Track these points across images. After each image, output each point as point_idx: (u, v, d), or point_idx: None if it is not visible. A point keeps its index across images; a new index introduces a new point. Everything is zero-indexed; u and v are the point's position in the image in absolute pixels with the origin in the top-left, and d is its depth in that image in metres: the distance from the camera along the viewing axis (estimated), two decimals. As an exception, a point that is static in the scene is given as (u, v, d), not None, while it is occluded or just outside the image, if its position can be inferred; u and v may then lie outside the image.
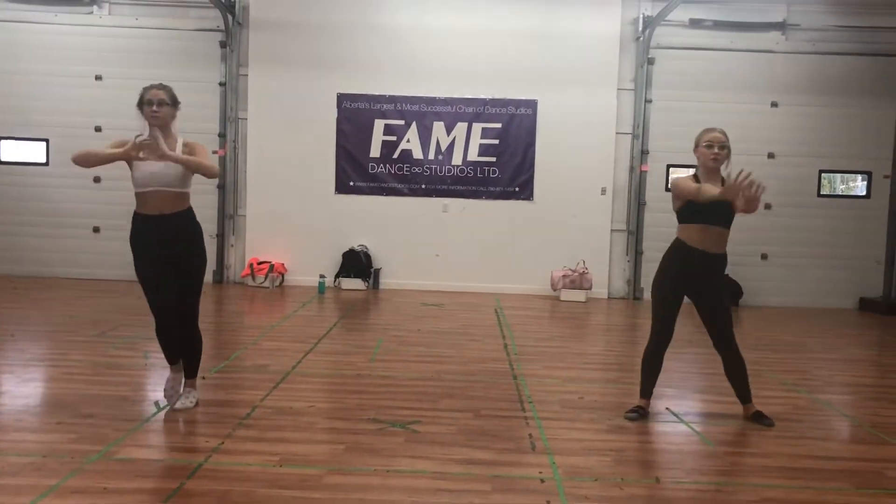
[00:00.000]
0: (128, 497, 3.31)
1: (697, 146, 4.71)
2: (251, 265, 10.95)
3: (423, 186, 11.23)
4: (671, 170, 11.10)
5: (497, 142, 11.16)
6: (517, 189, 11.23)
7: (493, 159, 11.18)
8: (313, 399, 5.01)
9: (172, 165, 4.41)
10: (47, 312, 8.16)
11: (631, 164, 11.27)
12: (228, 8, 10.89)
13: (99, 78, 10.99)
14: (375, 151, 11.17)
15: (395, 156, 11.17)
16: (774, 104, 11.13)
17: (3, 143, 11.17)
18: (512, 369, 6.11)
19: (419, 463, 3.85)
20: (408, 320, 8.47)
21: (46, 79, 11.00)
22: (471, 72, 11.05)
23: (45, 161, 11.16)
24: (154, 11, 11.10)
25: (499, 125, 11.14)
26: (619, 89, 11.12)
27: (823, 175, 11.29)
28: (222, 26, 10.99)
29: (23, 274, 10.95)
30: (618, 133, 11.19)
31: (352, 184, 11.21)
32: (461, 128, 11.14)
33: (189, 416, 4.49)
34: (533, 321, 8.89)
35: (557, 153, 11.07)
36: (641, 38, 11.05)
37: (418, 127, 11.14)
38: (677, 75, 11.10)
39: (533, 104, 11.11)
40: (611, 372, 6.39)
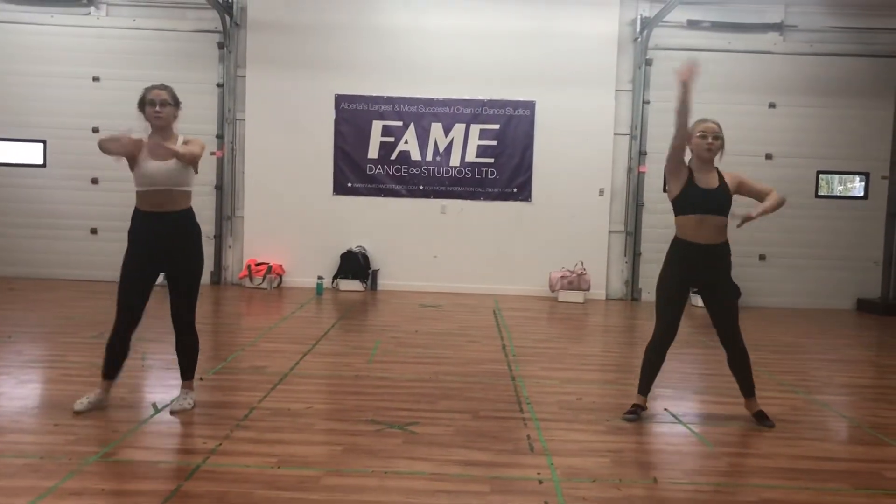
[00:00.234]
0: (126, 498, 3.30)
1: (691, 136, 4.70)
2: (249, 266, 10.94)
3: (421, 188, 11.23)
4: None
5: (495, 143, 11.16)
6: (515, 190, 11.23)
7: (491, 160, 11.18)
8: (311, 400, 5.00)
9: (175, 164, 4.39)
10: (45, 314, 8.15)
11: (629, 166, 11.27)
12: (226, 9, 10.89)
13: (96, 79, 10.98)
14: (373, 153, 11.17)
15: (393, 157, 11.17)
16: (772, 105, 11.15)
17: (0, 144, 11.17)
18: (510, 370, 6.10)
19: (417, 464, 3.84)
20: (406, 321, 8.46)
21: (43, 80, 10.97)
22: (469, 73, 11.05)
23: (42, 163, 11.14)
24: (152, 13, 11.08)
25: (497, 126, 11.14)
26: (616, 90, 11.13)
27: (821, 176, 11.30)
28: (220, 27, 10.99)
29: (20, 275, 10.93)
30: (616, 134, 11.20)
31: (350, 185, 11.21)
32: (459, 129, 11.14)
33: (187, 418, 4.49)
34: (531, 322, 8.89)
35: (555, 154, 11.07)
36: (639, 40, 11.06)
37: (416, 128, 11.14)
38: (675, 76, 11.08)
39: (531, 105, 11.12)
40: (609, 373, 6.39)
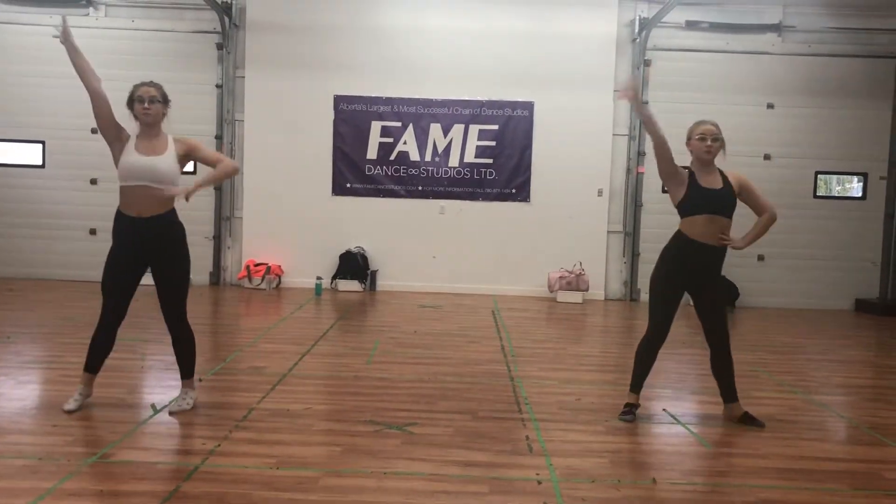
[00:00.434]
0: (124, 500, 3.30)
1: (690, 139, 4.69)
2: (248, 267, 10.94)
3: (420, 188, 11.23)
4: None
5: (494, 143, 11.16)
6: (514, 191, 11.23)
7: (490, 161, 11.19)
8: (310, 401, 5.00)
9: (164, 159, 4.35)
10: (43, 314, 8.14)
11: (627, 166, 11.28)
12: (225, 10, 10.88)
13: (95, 80, 10.97)
14: (372, 153, 11.17)
15: (392, 157, 11.17)
16: (770, 106, 11.15)
17: (-2, 145, 11.18)
18: (509, 371, 6.11)
19: (416, 465, 3.85)
20: (405, 322, 8.46)
21: (42, 81, 10.94)
22: (467, 74, 11.05)
23: (40, 163, 11.13)
24: (150, 13, 11.08)
25: (495, 127, 11.15)
26: (615, 91, 11.12)
27: (819, 176, 11.31)
28: (219, 28, 10.99)
29: (19, 276, 10.92)
30: (614, 135, 11.20)
31: (348, 185, 11.21)
32: (458, 129, 11.14)
33: (185, 419, 4.48)
34: (530, 323, 8.89)
35: (554, 155, 11.08)
36: (638, 40, 11.07)
37: (415, 129, 11.14)
38: (674, 77, 11.12)
39: (529, 106, 11.12)
40: (608, 373, 6.39)
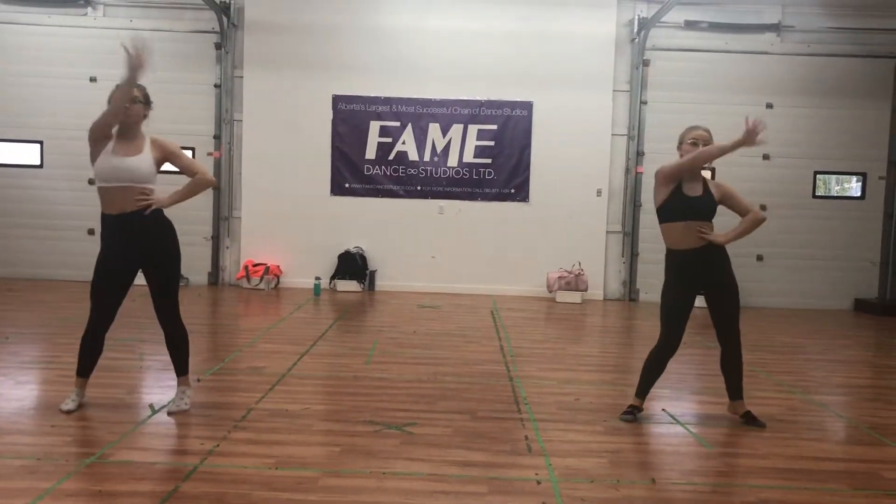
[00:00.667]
0: (123, 500, 3.29)
1: (682, 143, 4.73)
2: (246, 267, 10.93)
3: (419, 188, 11.23)
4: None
5: (493, 143, 11.16)
6: (513, 191, 11.23)
7: (489, 161, 11.18)
8: (309, 401, 5.00)
9: (143, 159, 4.35)
10: (42, 315, 8.13)
11: (626, 166, 11.28)
12: (223, 10, 10.88)
13: (93, 80, 10.93)
14: (371, 153, 11.16)
15: (391, 157, 11.17)
16: (769, 105, 11.15)
17: (-3, 145, 11.16)
18: (508, 371, 6.10)
19: (415, 465, 3.84)
20: (404, 322, 8.46)
21: (40, 81, 10.95)
22: (466, 73, 11.05)
23: (39, 163, 11.12)
24: (148, 13, 11.07)
25: (494, 127, 11.14)
26: (614, 91, 11.14)
27: (818, 176, 11.32)
28: (217, 28, 10.98)
29: (17, 276, 10.91)
30: (613, 135, 11.21)
31: (347, 185, 11.20)
32: (457, 129, 11.14)
33: (184, 419, 4.48)
34: (529, 323, 8.89)
35: (553, 155, 11.08)
36: (637, 40, 11.07)
37: (414, 129, 11.13)
38: (673, 77, 11.12)
39: (528, 106, 11.12)
40: (607, 373, 6.39)
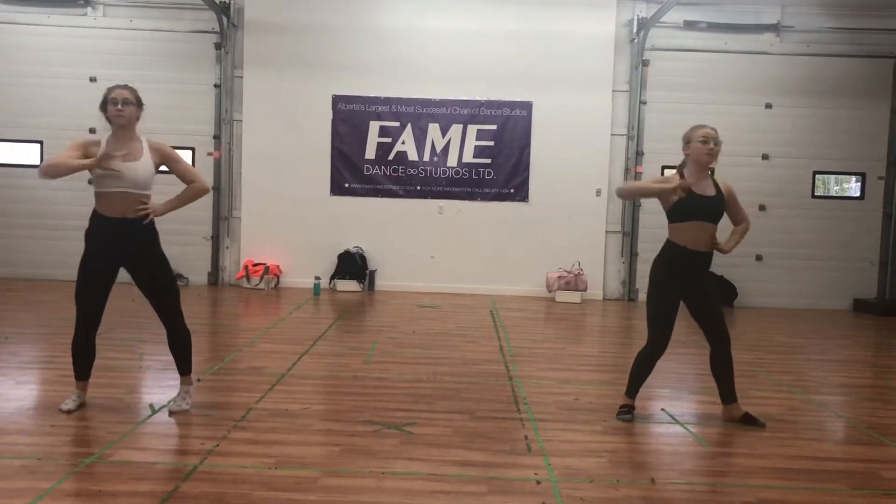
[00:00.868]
0: (123, 500, 3.30)
1: (690, 142, 4.66)
2: (246, 267, 10.93)
3: (419, 188, 11.23)
4: (665, 171, 11.10)
5: (492, 143, 11.17)
6: (512, 191, 11.24)
7: (489, 161, 11.19)
8: (309, 401, 5.00)
9: (141, 166, 4.34)
10: (41, 315, 8.14)
11: (626, 166, 11.29)
12: (223, 10, 10.88)
13: (93, 80, 10.92)
14: (370, 153, 11.17)
15: (391, 157, 11.17)
16: (769, 106, 11.16)
17: (-3, 145, 11.16)
18: (508, 371, 6.11)
19: (415, 465, 3.84)
20: (403, 322, 8.46)
21: (40, 81, 10.96)
22: (466, 73, 11.05)
23: (39, 163, 11.10)
24: (148, 13, 11.07)
25: (494, 127, 11.15)
26: (613, 91, 11.15)
27: (818, 176, 11.33)
28: (217, 28, 10.98)
29: (17, 276, 10.92)
30: (613, 135, 11.21)
31: (347, 185, 11.21)
32: (456, 129, 11.14)
33: (184, 419, 4.48)
34: (528, 322, 8.89)
35: (552, 155, 11.08)
36: (636, 40, 11.07)
37: (413, 129, 11.14)
38: (672, 77, 11.13)
39: (528, 106, 11.12)
40: (606, 373, 6.39)
